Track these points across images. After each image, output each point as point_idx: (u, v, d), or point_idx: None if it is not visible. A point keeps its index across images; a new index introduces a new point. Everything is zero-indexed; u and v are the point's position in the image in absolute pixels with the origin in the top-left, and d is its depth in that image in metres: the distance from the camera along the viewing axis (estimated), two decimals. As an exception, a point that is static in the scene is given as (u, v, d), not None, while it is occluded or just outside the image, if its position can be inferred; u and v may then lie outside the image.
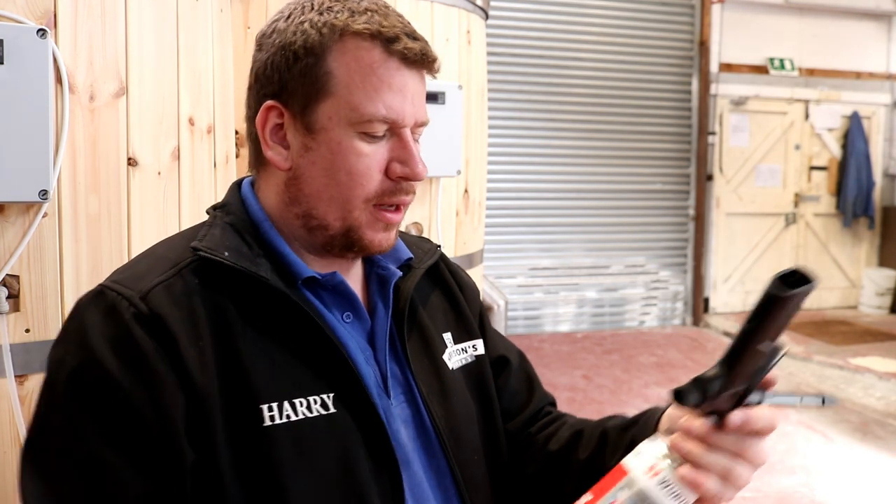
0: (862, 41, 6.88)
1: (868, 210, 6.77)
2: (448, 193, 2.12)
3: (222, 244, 0.77)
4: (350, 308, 0.84)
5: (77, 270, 1.22)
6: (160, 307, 0.71)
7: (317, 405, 0.75)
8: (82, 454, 0.67)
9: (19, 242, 1.15)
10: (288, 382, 0.74)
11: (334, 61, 0.77)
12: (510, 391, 1.00)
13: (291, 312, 0.76)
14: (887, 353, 5.24)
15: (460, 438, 0.86)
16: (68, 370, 0.70)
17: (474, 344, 0.97)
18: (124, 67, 1.27)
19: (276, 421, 0.72)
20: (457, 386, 0.90)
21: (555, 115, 5.98)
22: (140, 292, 0.72)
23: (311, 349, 0.76)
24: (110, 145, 1.25)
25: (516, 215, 5.95)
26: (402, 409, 0.84)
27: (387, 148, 0.79)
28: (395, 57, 0.78)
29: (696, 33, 6.30)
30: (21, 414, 1.15)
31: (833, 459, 3.51)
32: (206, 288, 0.75)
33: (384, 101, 0.77)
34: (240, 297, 0.75)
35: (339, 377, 0.77)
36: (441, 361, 0.90)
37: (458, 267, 1.05)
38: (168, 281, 0.74)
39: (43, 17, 1.16)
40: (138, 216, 1.30)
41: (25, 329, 1.18)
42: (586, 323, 6.16)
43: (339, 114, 0.77)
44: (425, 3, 2.01)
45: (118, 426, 0.68)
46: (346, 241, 0.81)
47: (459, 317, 0.97)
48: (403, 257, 0.91)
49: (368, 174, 0.78)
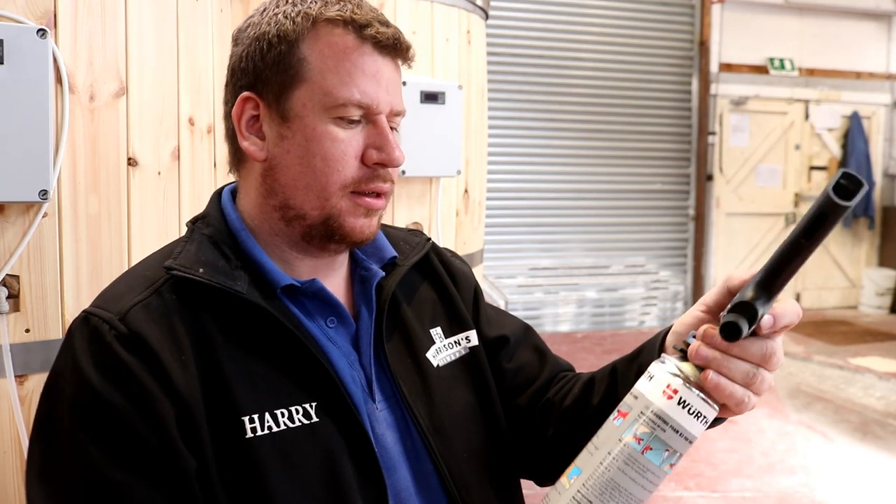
0: (862, 41, 6.88)
1: (868, 210, 6.78)
2: (448, 193, 2.12)
3: (197, 260, 0.77)
4: (333, 313, 0.83)
5: (77, 270, 1.22)
6: (139, 326, 0.72)
7: (299, 415, 0.75)
8: (93, 478, 0.68)
9: (19, 242, 1.15)
10: (269, 394, 0.75)
11: (308, 48, 0.78)
12: (515, 367, 0.97)
13: (269, 324, 0.76)
14: (887, 353, 5.24)
15: (447, 437, 0.85)
16: (67, 399, 0.71)
17: (467, 336, 0.95)
18: (124, 67, 1.27)
19: (257, 433, 0.72)
20: (443, 383, 0.88)
21: (555, 115, 5.98)
22: (119, 314, 0.73)
23: (290, 359, 0.76)
24: (110, 145, 1.25)
25: (516, 215, 5.95)
26: (388, 413, 0.83)
27: (363, 134, 0.79)
28: (367, 42, 0.78)
29: (696, 33, 6.30)
30: (21, 414, 1.15)
31: (833, 459, 3.51)
32: (184, 304, 0.76)
33: (358, 85, 0.77)
34: (218, 311, 0.76)
35: (320, 386, 0.77)
36: (424, 360, 0.88)
37: (451, 255, 1.03)
38: (146, 300, 0.75)
39: (43, 17, 1.16)
40: (138, 216, 1.30)
41: (25, 329, 1.18)
42: (586, 323, 6.16)
43: (314, 100, 0.77)
44: (425, 3, 2.01)
45: (120, 445, 0.69)
46: (325, 231, 0.80)
47: (451, 309, 0.95)
48: (387, 256, 0.90)
49: (344, 160, 0.78)
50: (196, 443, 0.70)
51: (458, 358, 0.92)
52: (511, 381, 0.96)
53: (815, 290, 6.93)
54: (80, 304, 1.22)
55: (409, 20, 1.98)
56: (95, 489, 0.68)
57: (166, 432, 0.69)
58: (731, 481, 3.24)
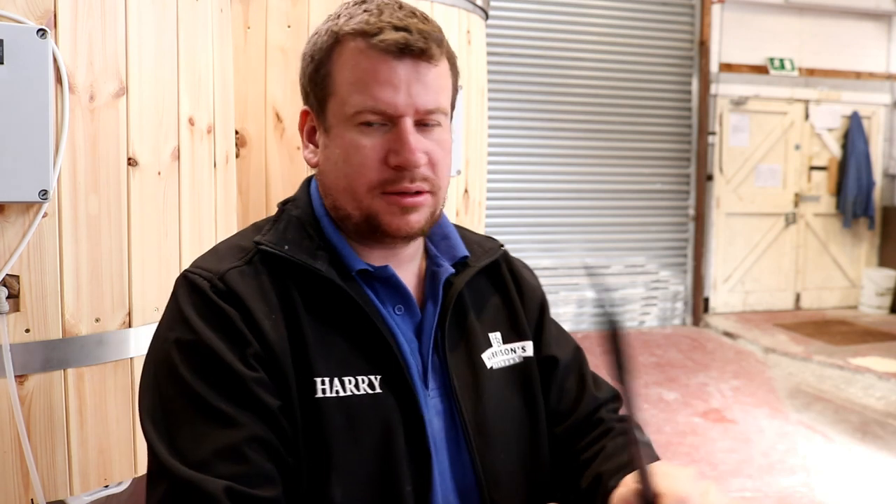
0: (862, 41, 6.88)
1: (868, 210, 6.77)
2: (448, 193, 2.12)
3: (284, 238, 0.86)
4: (402, 301, 0.89)
5: (77, 270, 1.22)
6: (236, 285, 0.82)
7: (364, 384, 0.82)
8: (200, 407, 0.77)
9: (19, 242, 1.15)
10: (340, 361, 0.82)
11: (333, 64, 0.85)
12: (558, 391, 1.00)
13: (343, 301, 0.84)
14: (887, 353, 5.24)
15: (487, 435, 0.88)
16: (173, 340, 0.80)
17: (523, 345, 0.98)
18: (124, 67, 1.27)
19: (326, 394, 0.80)
20: (493, 385, 0.91)
21: (555, 115, 5.98)
22: (218, 273, 0.83)
23: (360, 334, 0.84)
24: (110, 145, 1.25)
25: (516, 215, 5.95)
26: (437, 402, 0.88)
27: (386, 139, 0.83)
28: (376, 50, 0.82)
29: (696, 33, 6.30)
30: (21, 414, 1.15)
31: (833, 459, 3.51)
32: (273, 274, 0.84)
33: (371, 93, 0.82)
34: (301, 284, 0.84)
35: (386, 362, 0.84)
36: (479, 359, 0.92)
37: (522, 267, 1.07)
38: (241, 267, 0.84)
39: (43, 17, 1.16)
40: (138, 216, 1.30)
41: (25, 329, 1.18)
42: (586, 323, 6.16)
43: (340, 111, 0.85)
44: (425, 2, 2.01)
45: (220, 379, 0.77)
46: (369, 227, 0.86)
47: (512, 317, 0.99)
48: (459, 255, 0.96)
49: (366, 164, 0.83)
50: (283, 387, 0.79)
51: (511, 364, 0.95)
52: (555, 405, 0.99)
53: (815, 290, 6.93)
54: (80, 304, 1.22)
55: (409, 20, 1.98)
56: (203, 416, 0.76)
57: (258, 371, 0.78)
58: (731, 481, 3.24)
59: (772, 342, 5.58)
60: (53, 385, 1.20)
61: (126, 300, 1.29)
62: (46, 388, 1.19)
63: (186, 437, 0.76)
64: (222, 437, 0.75)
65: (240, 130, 1.89)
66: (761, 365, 5.16)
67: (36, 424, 1.18)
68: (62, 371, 1.21)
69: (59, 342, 1.20)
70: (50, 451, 1.20)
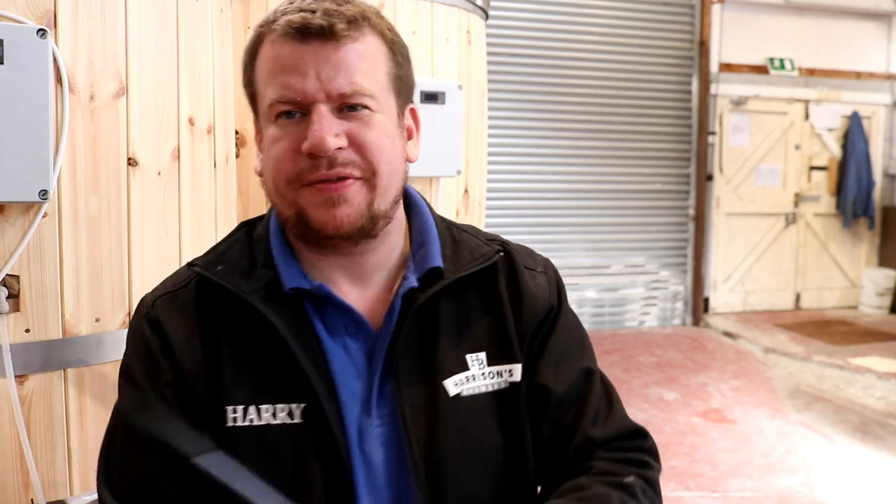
0: (862, 41, 6.87)
1: (868, 210, 6.77)
2: (448, 193, 2.12)
3: (220, 258, 0.85)
4: (352, 321, 0.82)
5: (77, 270, 1.22)
6: (161, 313, 0.84)
7: (283, 413, 0.79)
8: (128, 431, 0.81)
9: (19, 242, 1.15)
10: (258, 389, 0.80)
11: (256, 63, 0.82)
12: (551, 424, 0.86)
13: (263, 324, 0.80)
14: (887, 353, 5.23)
15: (441, 471, 0.79)
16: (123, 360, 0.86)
17: (511, 369, 0.85)
18: (124, 67, 1.27)
19: (238, 423, 0.79)
20: (459, 415, 0.81)
21: (555, 115, 5.97)
22: (153, 299, 0.86)
23: (280, 360, 0.79)
24: (110, 145, 1.25)
25: (516, 215, 5.95)
26: (384, 431, 0.80)
27: (300, 128, 0.78)
28: (278, 35, 0.78)
29: (696, 33, 6.30)
30: (21, 414, 1.15)
31: (833, 459, 3.51)
32: (203, 298, 0.84)
33: (279, 82, 0.78)
34: (228, 307, 0.82)
35: (308, 390, 0.78)
36: (439, 386, 0.81)
37: (530, 275, 0.91)
38: (175, 292, 0.85)
39: (43, 17, 1.16)
40: (138, 216, 1.30)
41: (25, 329, 1.17)
42: (586, 323, 6.15)
43: (262, 109, 0.82)
44: (425, 2, 2.01)
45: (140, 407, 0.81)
46: (303, 228, 0.80)
47: (501, 336, 0.86)
48: (427, 266, 0.84)
49: (283, 156, 0.79)
50: (195, 417, 0.79)
51: (494, 390, 0.84)
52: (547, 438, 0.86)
53: (815, 290, 6.93)
54: (80, 304, 1.22)
55: (409, 20, 1.98)
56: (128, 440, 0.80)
57: (169, 401, 0.80)
58: (731, 481, 3.24)
59: (772, 342, 5.58)
60: (53, 385, 1.20)
61: (126, 300, 1.29)
62: (46, 388, 1.19)
63: (117, 458, 0.80)
64: (140, 464, 0.78)
65: (240, 130, 1.89)
66: (761, 365, 5.16)
67: (36, 424, 1.18)
68: (62, 371, 1.21)
69: (59, 342, 1.20)
70: (50, 451, 1.20)
